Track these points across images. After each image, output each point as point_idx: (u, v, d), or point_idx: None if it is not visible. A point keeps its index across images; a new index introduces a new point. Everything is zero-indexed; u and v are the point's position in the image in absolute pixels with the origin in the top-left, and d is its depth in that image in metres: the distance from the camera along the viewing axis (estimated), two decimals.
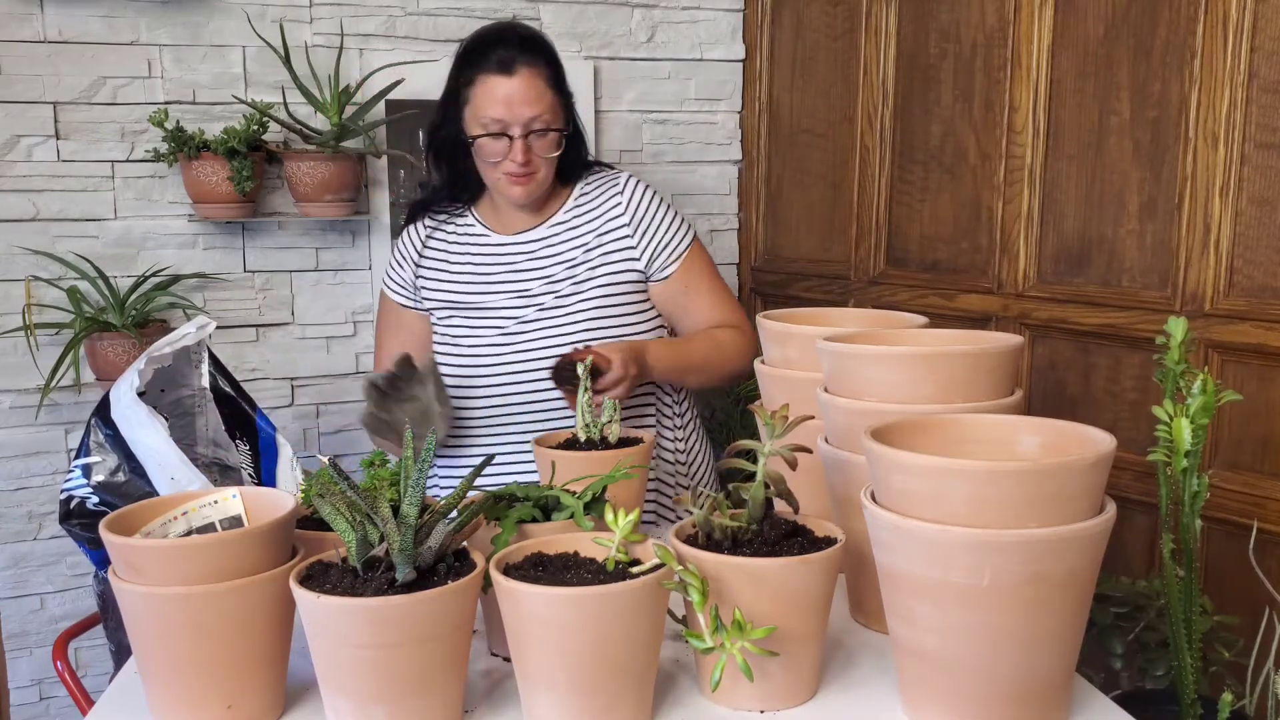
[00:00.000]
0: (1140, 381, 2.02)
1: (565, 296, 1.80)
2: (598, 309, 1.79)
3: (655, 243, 1.83)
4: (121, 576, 1.05)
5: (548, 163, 1.78)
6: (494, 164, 1.76)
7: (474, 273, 1.85)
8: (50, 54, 2.19)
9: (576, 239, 1.83)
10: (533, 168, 1.76)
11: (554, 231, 1.84)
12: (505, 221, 1.87)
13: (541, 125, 1.74)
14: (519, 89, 1.72)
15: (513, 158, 1.74)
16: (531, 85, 1.73)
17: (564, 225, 1.85)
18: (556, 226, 1.85)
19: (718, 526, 1.11)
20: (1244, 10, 1.81)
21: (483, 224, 1.88)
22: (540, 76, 1.74)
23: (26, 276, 2.23)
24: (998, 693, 1.02)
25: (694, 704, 1.11)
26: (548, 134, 1.75)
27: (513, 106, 1.72)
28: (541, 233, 1.85)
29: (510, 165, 1.74)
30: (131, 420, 1.59)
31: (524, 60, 1.73)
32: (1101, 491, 1.02)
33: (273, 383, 2.43)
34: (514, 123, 1.72)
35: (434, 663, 1.01)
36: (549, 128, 1.75)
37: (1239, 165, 1.83)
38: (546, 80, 1.75)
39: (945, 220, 2.33)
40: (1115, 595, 1.67)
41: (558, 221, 1.85)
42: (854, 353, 1.26)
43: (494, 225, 1.87)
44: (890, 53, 2.40)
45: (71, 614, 2.30)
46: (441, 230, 1.89)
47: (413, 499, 1.02)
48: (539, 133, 1.74)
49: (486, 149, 1.75)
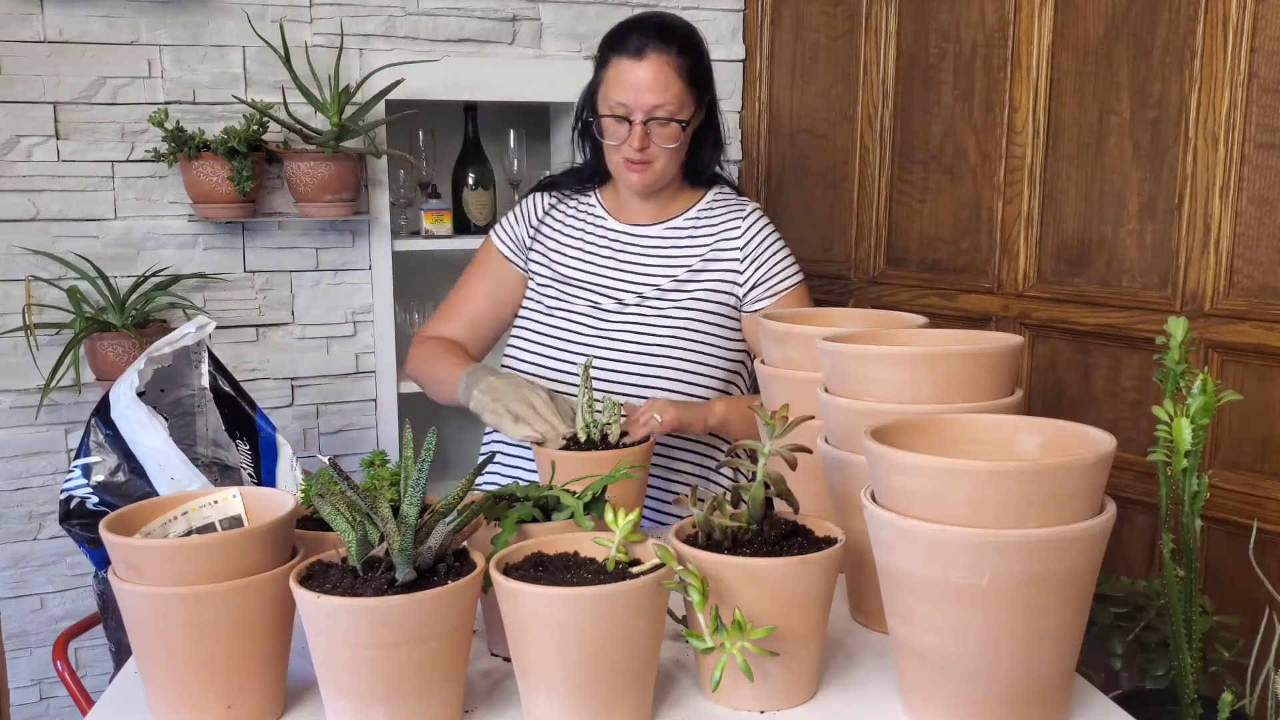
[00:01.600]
0: (1140, 381, 2.02)
1: (662, 301, 1.80)
2: (691, 319, 1.79)
3: (760, 274, 1.82)
4: (121, 576, 1.05)
5: (667, 154, 1.76)
6: (614, 147, 1.76)
7: (584, 250, 1.86)
8: (50, 54, 2.19)
9: (690, 251, 1.83)
10: (650, 156, 1.75)
11: (670, 235, 1.84)
12: (626, 210, 1.87)
13: (664, 114, 1.73)
14: (646, 75, 1.71)
15: (630, 143, 1.73)
16: (660, 73, 1.72)
17: (682, 232, 1.84)
18: (673, 231, 1.84)
19: (718, 526, 1.11)
20: (1244, 10, 1.81)
21: (603, 206, 1.89)
22: (671, 66, 1.73)
23: (26, 276, 2.23)
24: (998, 693, 1.02)
25: (694, 704, 1.11)
26: (670, 124, 1.74)
27: (637, 91, 1.71)
28: (658, 231, 1.85)
29: (628, 150, 1.74)
30: (131, 420, 1.59)
31: (656, 47, 1.72)
32: (1101, 491, 1.02)
33: (273, 383, 2.43)
34: (636, 108, 1.72)
35: (434, 663, 1.01)
36: (672, 118, 1.73)
37: (1239, 165, 1.83)
38: (678, 70, 1.73)
39: (945, 220, 2.33)
40: (1115, 595, 1.67)
41: (676, 226, 1.85)
42: (854, 353, 1.26)
43: (614, 211, 1.88)
44: (890, 53, 2.40)
45: (71, 614, 2.30)
46: (564, 204, 1.91)
47: (413, 499, 1.02)
48: (660, 121, 1.73)
49: (608, 131, 1.75)
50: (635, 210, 1.87)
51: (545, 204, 1.92)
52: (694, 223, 1.85)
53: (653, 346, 1.77)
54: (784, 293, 1.83)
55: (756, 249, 1.83)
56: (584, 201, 1.91)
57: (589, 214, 1.89)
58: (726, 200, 1.88)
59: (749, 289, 1.82)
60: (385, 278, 2.47)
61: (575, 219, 1.89)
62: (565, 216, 1.90)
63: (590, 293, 1.83)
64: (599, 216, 1.88)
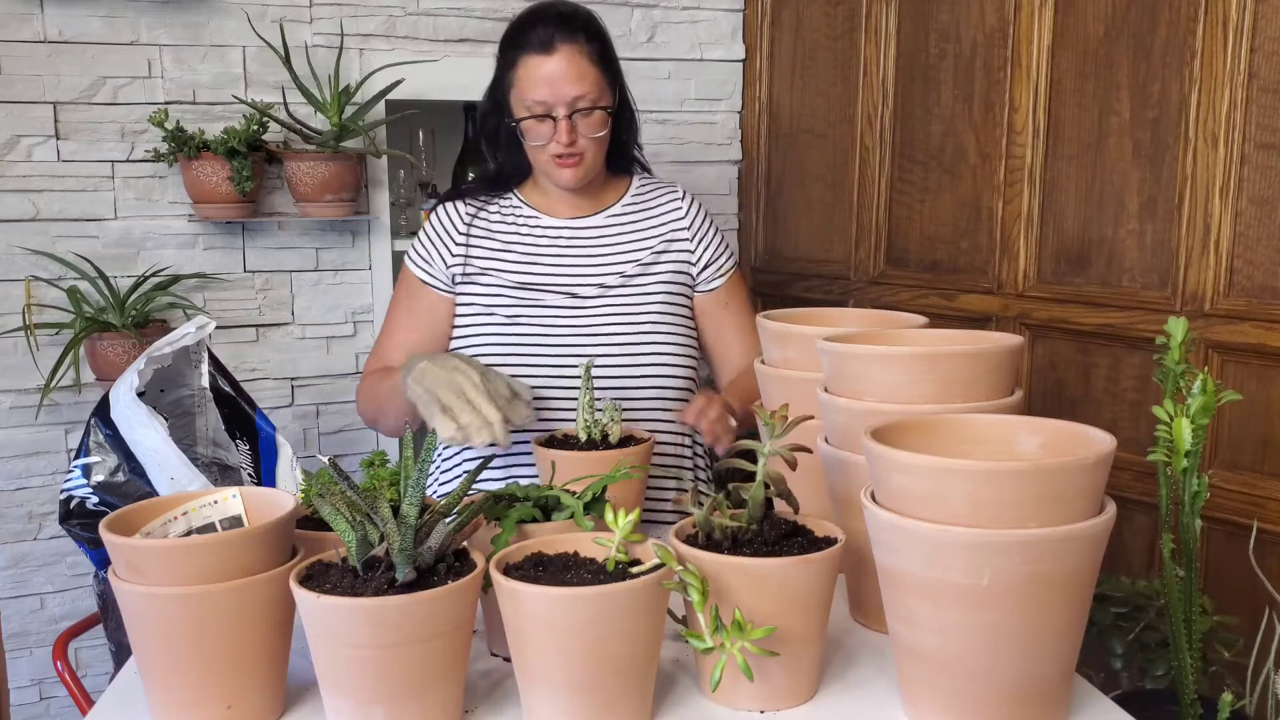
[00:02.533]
0: (1140, 381, 2.02)
1: (627, 288, 1.78)
2: (663, 302, 1.79)
3: (709, 254, 1.84)
4: (121, 576, 1.05)
5: (595, 144, 1.74)
6: (540, 147, 1.72)
7: (527, 252, 1.81)
8: (50, 54, 2.19)
9: (639, 236, 1.82)
10: (579, 149, 1.72)
11: (612, 223, 1.83)
12: (558, 206, 1.84)
13: (586, 104, 1.70)
14: (560, 67, 1.68)
15: (558, 139, 1.70)
16: (574, 63, 1.68)
17: (624, 219, 1.83)
18: (614, 219, 1.83)
19: (718, 526, 1.11)
20: (1244, 10, 1.81)
21: (530, 206, 1.84)
22: (581, 53, 1.70)
23: (26, 276, 2.23)
24: (998, 693, 1.02)
25: (694, 704, 1.11)
26: (593, 113, 1.71)
27: (555, 86, 1.68)
28: (599, 221, 1.83)
29: (556, 147, 1.71)
30: (131, 420, 1.59)
31: (564, 37, 1.69)
32: (1101, 491, 1.02)
33: (273, 383, 2.43)
34: (557, 102, 1.68)
35: (434, 663, 1.01)
36: (594, 106, 1.71)
37: (1239, 165, 1.83)
38: (589, 57, 1.70)
39: (945, 220, 2.33)
40: (1115, 595, 1.67)
41: (616, 215, 1.83)
42: (854, 353, 1.26)
43: (545, 208, 1.84)
44: (890, 53, 2.40)
45: (71, 614, 2.30)
46: (486, 211, 1.84)
47: (413, 499, 1.02)
48: (584, 112, 1.70)
49: (532, 132, 1.71)
50: (569, 205, 1.83)
51: (464, 215, 1.82)
52: (633, 208, 1.84)
53: (633, 333, 1.76)
54: (729, 273, 1.86)
55: (701, 229, 1.85)
56: (506, 205, 1.84)
57: (516, 215, 1.83)
58: (654, 184, 1.88)
59: (701, 269, 1.83)
60: (385, 278, 2.47)
61: (504, 223, 1.83)
62: (491, 223, 1.83)
63: (549, 293, 1.78)
64: (529, 216, 1.83)
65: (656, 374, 1.77)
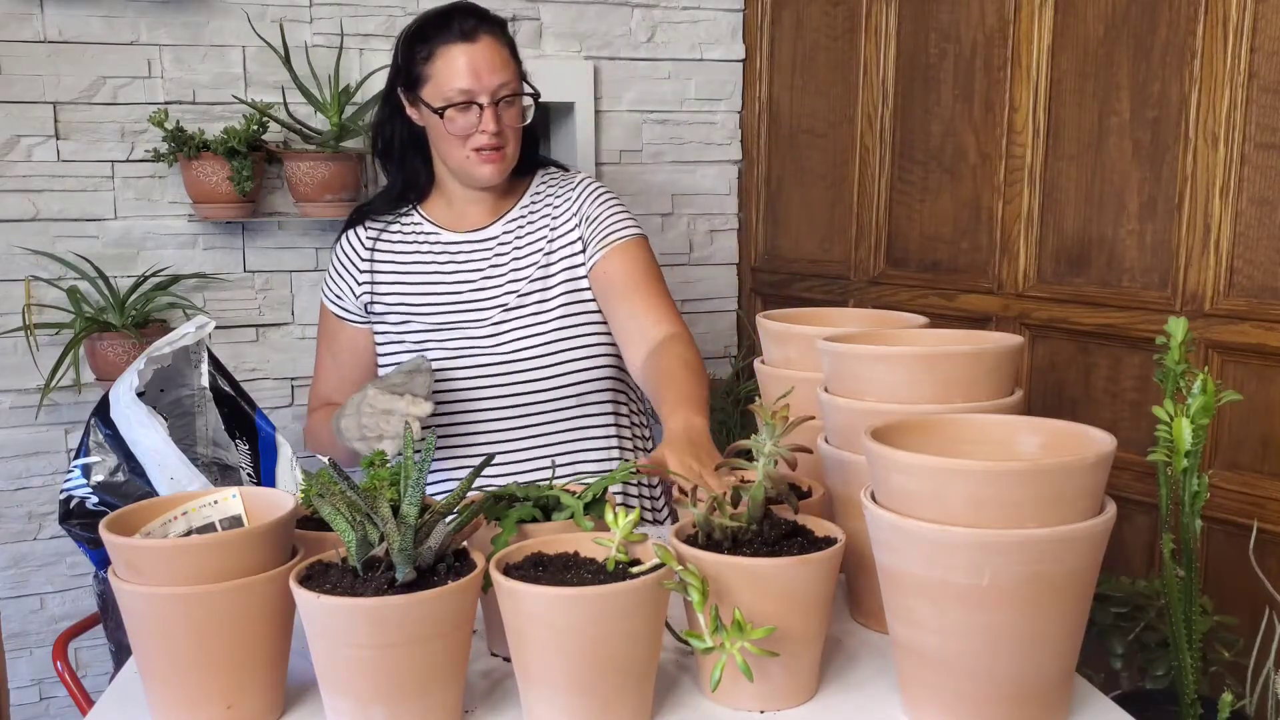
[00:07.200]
0: (1140, 381, 2.02)
1: (530, 298, 1.76)
2: (569, 304, 1.76)
3: (592, 229, 1.77)
4: (121, 576, 1.05)
5: (516, 135, 1.73)
6: (463, 140, 1.70)
7: (427, 273, 1.79)
8: (50, 54, 2.19)
9: (532, 242, 1.79)
10: (502, 140, 1.70)
11: (510, 229, 1.80)
12: (460, 218, 1.81)
13: (509, 92, 1.69)
14: (485, 54, 1.67)
15: (484, 128, 1.68)
16: (496, 51, 1.69)
17: (521, 224, 1.80)
18: (511, 225, 1.80)
19: (718, 526, 1.11)
20: (1244, 11, 1.81)
21: (431, 222, 1.82)
22: (501, 44, 1.71)
23: (26, 276, 2.23)
24: (997, 693, 1.02)
25: (694, 704, 1.11)
26: (516, 102, 1.71)
27: (479, 74, 1.66)
28: (496, 231, 1.80)
29: (481, 138, 1.68)
30: (131, 420, 1.59)
31: (484, 28, 1.69)
32: (1101, 491, 1.02)
33: (273, 383, 2.43)
34: (482, 90, 1.67)
35: (434, 663, 1.01)
36: (517, 94, 1.71)
37: (1239, 165, 1.83)
38: (508, 49, 1.72)
39: (945, 220, 2.33)
40: (1115, 595, 1.67)
41: (513, 219, 1.80)
42: (854, 353, 1.26)
43: (446, 222, 1.81)
44: (890, 53, 2.40)
45: (71, 614, 2.30)
46: (388, 232, 1.82)
47: (413, 499, 1.02)
48: (507, 100, 1.69)
49: (454, 123, 1.68)
50: (470, 215, 1.81)
51: (365, 241, 1.82)
52: (529, 211, 1.81)
53: (541, 344, 1.74)
54: (617, 243, 1.75)
55: (585, 208, 1.79)
56: (407, 222, 1.82)
57: (416, 233, 1.81)
58: (554, 179, 1.85)
59: (585, 246, 1.77)
60: None
61: (405, 244, 1.81)
62: (393, 245, 1.81)
63: (454, 314, 1.76)
64: (429, 233, 1.81)
65: (573, 372, 1.75)
